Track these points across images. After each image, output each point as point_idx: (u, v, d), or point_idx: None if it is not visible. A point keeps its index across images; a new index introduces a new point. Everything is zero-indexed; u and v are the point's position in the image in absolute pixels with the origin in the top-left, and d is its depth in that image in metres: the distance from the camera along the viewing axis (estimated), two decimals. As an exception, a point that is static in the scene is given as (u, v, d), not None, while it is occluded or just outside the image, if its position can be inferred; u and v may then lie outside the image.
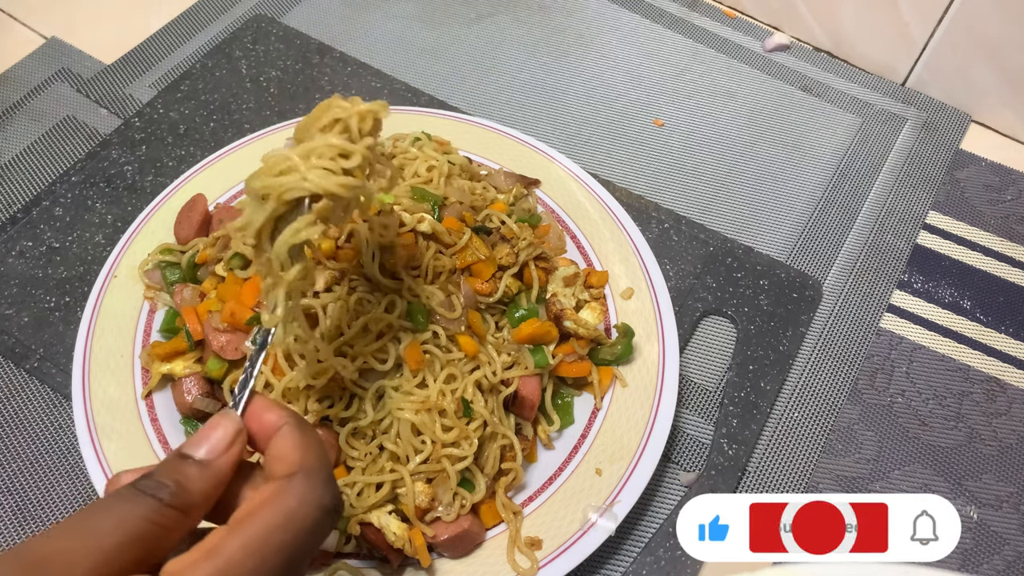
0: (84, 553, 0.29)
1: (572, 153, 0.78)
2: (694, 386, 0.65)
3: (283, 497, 0.32)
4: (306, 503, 0.33)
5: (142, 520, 0.30)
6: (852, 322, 0.69)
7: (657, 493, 0.60)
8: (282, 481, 0.33)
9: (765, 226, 0.75)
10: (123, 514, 0.30)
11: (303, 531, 0.32)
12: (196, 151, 0.76)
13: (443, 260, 0.58)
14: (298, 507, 0.32)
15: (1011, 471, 0.62)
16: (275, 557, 0.31)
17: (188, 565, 0.30)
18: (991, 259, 0.74)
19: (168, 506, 0.31)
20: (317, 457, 0.35)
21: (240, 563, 0.30)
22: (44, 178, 0.74)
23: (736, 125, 0.82)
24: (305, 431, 0.36)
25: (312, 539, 0.33)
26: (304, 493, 0.33)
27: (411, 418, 0.52)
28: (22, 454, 0.59)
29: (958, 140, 0.82)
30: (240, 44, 0.85)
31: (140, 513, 0.30)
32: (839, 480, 0.61)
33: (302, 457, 0.35)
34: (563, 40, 0.89)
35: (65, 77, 0.82)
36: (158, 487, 0.32)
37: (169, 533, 0.31)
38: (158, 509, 0.31)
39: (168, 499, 0.31)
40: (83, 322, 0.60)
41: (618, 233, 0.66)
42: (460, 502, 0.52)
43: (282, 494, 0.33)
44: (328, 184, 0.41)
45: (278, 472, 0.34)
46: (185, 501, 0.32)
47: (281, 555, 0.31)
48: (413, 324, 0.54)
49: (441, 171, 0.64)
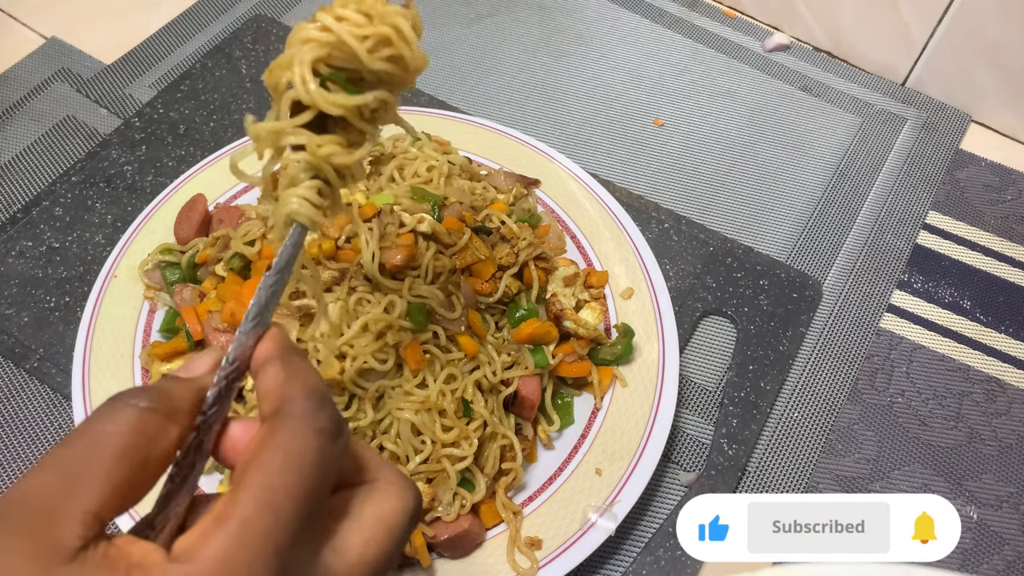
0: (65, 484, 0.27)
1: (572, 153, 0.78)
2: (694, 386, 0.65)
3: (275, 435, 0.29)
4: (299, 434, 0.30)
5: (121, 435, 0.28)
6: (852, 322, 0.69)
7: (657, 493, 0.60)
8: (270, 419, 0.30)
9: (765, 226, 0.75)
10: (100, 435, 0.28)
11: (308, 465, 0.29)
12: (196, 151, 0.76)
13: (443, 260, 0.58)
14: (292, 440, 0.29)
15: (1011, 471, 0.62)
16: (289, 504, 0.28)
17: (199, 537, 0.27)
18: (991, 259, 0.74)
19: (148, 410, 0.29)
20: (303, 384, 0.32)
21: (254, 520, 0.27)
22: (44, 178, 0.74)
23: (736, 125, 0.82)
24: (289, 361, 0.33)
25: (321, 472, 0.29)
26: (293, 424, 0.30)
27: (411, 418, 0.52)
28: (22, 454, 0.59)
29: (958, 140, 0.82)
30: (240, 44, 0.85)
31: (118, 429, 0.28)
32: (839, 480, 0.61)
33: (285, 388, 0.31)
34: (563, 40, 0.89)
35: (65, 77, 0.82)
36: (135, 395, 0.29)
37: (155, 442, 0.29)
38: (137, 416, 0.29)
39: (147, 404, 0.29)
40: (83, 322, 0.60)
41: (618, 233, 0.66)
42: (460, 502, 0.52)
43: (273, 432, 0.30)
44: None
45: (266, 411, 0.31)
46: (167, 405, 0.30)
47: (294, 500, 0.28)
48: (413, 324, 0.54)
49: (441, 171, 0.64)
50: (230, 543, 0.27)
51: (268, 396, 0.32)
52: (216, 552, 0.26)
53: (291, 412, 0.30)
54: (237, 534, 0.27)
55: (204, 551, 0.27)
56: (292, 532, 0.28)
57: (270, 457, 0.29)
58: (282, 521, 0.27)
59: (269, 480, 0.28)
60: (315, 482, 0.29)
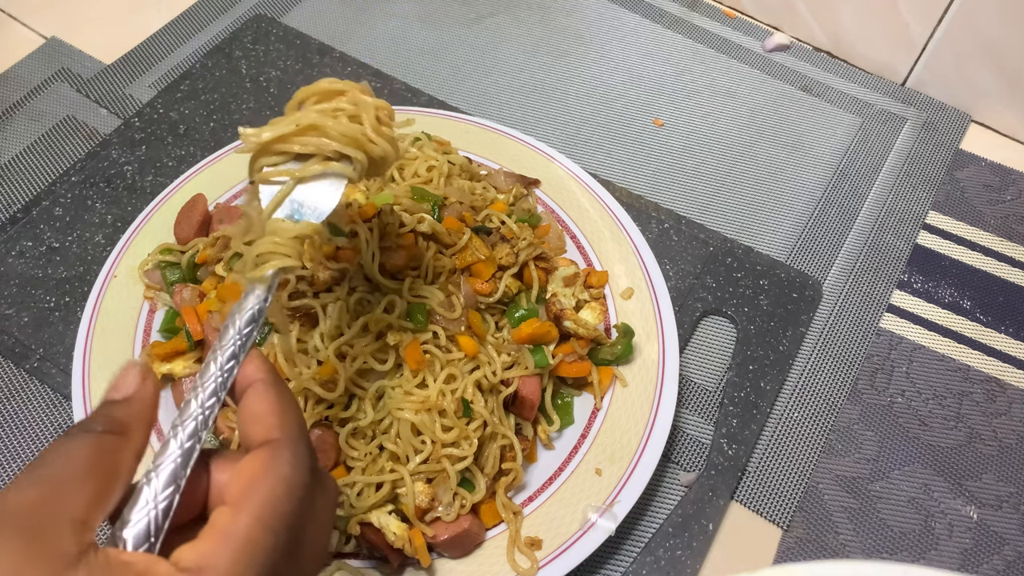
0: (46, 496, 0.28)
1: (572, 153, 0.78)
2: (694, 386, 0.65)
3: (277, 465, 0.32)
4: (299, 468, 0.33)
5: (87, 451, 0.30)
6: (852, 322, 0.69)
7: (657, 493, 0.60)
8: (271, 449, 0.33)
9: (765, 226, 0.75)
10: (68, 452, 0.30)
11: (302, 498, 0.32)
12: (196, 151, 0.76)
13: (443, 260, 0.58)
14: (293, 473, 0.32)
15: (1011, 471, 0.62)
16: (285, 530, 0.31)
17: (208, 552, 0.29)
18: (991, 259, 0.74)
19: (103, 432, 0.31)
20: (296, 420, 0.35)
21: (259, 540, 0.30)
22: (44, 178, 0.74)
23: (736, 125, 0.82)
24: (281, 391, 0.36)
25: (307, 505, 0.33)
26: (293, 459, 0.33)
27: (411, 418, 0.52)
28: (22, 454, 0.59)
29: (958, 140, 0.82)
30: (240, 44, 0.85)
31: (83, 448, 0.30)
32: (839, 480, 0.61)
33: (282, 420, 0.34)
34: (563, 40, 0.89)
35: (65, 77, 0.82)
36: (86, 423, 0.32)
37: (116, 456, 0.31)
38: (96, 438, 0.31)
39: (101, 427, 0.31)
40: (83, 322, 0.60)
41: (618, 233, 0.66)
42: (460, 502, 0.52)
43: (275, 462, 0.32)
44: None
45: (256, 435, 0.34)
46: (116, 426, 0.32)
47: (290, 528, 0.31)
48: (413, 324, 0.54)
49: (441, 171, 0.64)
50: (237, 559, 0.29)
51: (259, 422, 0.34)
52: (224, 566, 0.29)
53: (291, 447, 0.33)
54: (243, 551, 0.29)
55: (212, 563, 0.29)
56: (287, 553, 0.31)
57: (273, 485, 0.32)
58: (280, 543, 0.31)
59: (273, 506, 0.31)
60: (304, 511, 0.33)
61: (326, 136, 0.43)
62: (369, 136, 0.44)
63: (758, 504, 0.60)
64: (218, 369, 0.36)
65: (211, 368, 0.36)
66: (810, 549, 0.58)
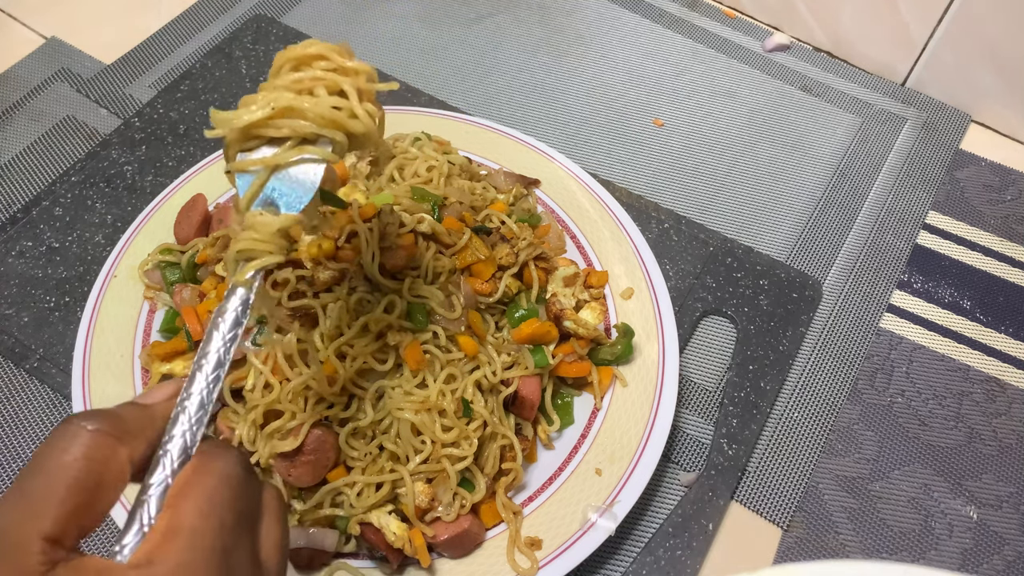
0: (22, 514, 0.29)
1: (572, 153, 0.78)
2: (694, 386, 0.65)
3: (206, 463, 0.33)
4: (230, 463, 0.34)
5: (74, 463, 0.30)
6: (852, 322, 0.69)
7: (657, 493, 0.60)
8: (199, 454, 0.34)
9: (765, 226, 0.75)
10: (54, 466, 0.30)
11: (239, 484, 0.34)
12: (196, 151, 0.76)
13: (443, 260, 0.58)
14: (225, 466, 0.34)
15: (1011, 471, 0.62)
16: (228, 513, 0.32)
17: (153, 547, 0.30)
18: (991, 259, 0.74)
19: (98, 432, 0.31)
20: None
21: (202, 528, 0.31)
22: (44, 178, 0.74)
23: (736, 125, 0.82)
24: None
25: (247, 492, 0.34)
26: (224, 456, 0.34)
27: (411, 418, 0.52)
28: (22, 454, 0.59)
29: (958, 140, 0.82)
30: (240, 44, 0.85)
31: (71, 458, 0.30)
32: (839, 480, 0.61)
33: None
34: (563, 40, 0.89)
35: (65, 77, 0.82)
36: (85, 417, 0.32)
37: (106, 465, 0.31)
38: (89, 438, 0.31)
39: (96, 426, 0.31)
40: (83, 322, 0.60)
41: (618, 233, 0.66)
42: (460, 502, 0.52)
43: (204, 462, 0.34)
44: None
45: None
46: (118, 428, 0.32)
47: (232, 510, 0.32)
48: (413, 324, 0.54)
49: (441, 171, 0.64)
50: (184, 547, 0.30)
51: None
52: (173, 557, 0.30)
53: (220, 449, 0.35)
54: (189, 539, 0.30)
55: (161, 557, 0.30)
56: (234, 535, 0.32)
57: (206, 479, 0.33)
58: (226, 527, 0.32)
59: (209, 495, 0.32)
60: (245, 496, 0.34)
61: (303, 118, 0.41)
62: (352, 111, 0.42)
63: (758, 504, 0.60)
64: (204, 381, 0.36)
65: (197, 381, 0.36)
66: (810, 549, 0.58)
